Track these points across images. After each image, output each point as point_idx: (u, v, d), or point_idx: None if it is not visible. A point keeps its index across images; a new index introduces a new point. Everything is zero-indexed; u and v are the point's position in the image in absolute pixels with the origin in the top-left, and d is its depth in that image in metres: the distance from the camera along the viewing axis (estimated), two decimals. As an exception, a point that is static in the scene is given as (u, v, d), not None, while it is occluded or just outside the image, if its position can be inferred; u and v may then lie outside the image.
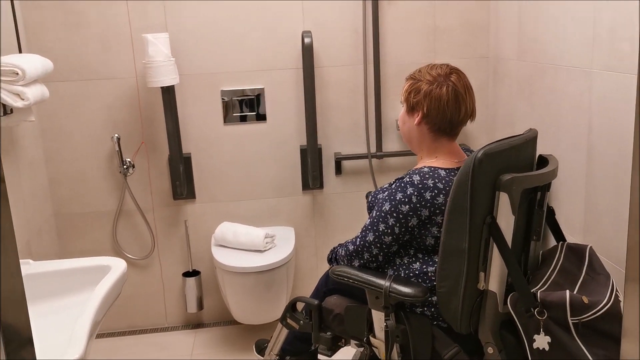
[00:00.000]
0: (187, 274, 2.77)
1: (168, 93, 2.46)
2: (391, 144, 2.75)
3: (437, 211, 1.62)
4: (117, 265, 1.56)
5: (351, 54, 2.64)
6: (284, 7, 2.56)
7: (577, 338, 1.44)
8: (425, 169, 1.67)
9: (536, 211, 1.67)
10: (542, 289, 1.51)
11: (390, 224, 1.65)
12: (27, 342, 0.89)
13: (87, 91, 2.54)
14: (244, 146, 2.69)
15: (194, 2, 2.51)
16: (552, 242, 1.85)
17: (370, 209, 1.80)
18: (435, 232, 1.64)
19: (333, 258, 1.87)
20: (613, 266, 1.81)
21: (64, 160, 2.61)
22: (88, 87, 2.54)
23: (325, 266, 2.85)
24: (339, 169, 2.76)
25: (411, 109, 1.73)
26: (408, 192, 1.63)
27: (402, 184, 1.65)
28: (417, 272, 1.67)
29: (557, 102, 2.10)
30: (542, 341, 1.46)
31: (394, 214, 1.64)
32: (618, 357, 1.48)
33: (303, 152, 2.71)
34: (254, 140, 2.69)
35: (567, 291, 1.45)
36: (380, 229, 1.67)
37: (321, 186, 2.75)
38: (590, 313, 1.43)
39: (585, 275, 1.58)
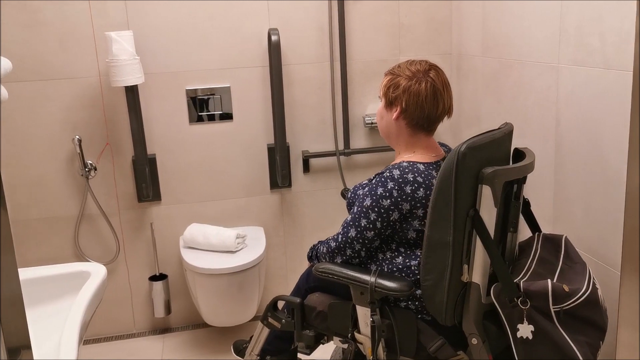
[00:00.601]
0: (153, 278, 2.70)
1: (132, 92, 2.39)
2: (359, 140, 2.76)
3: (418, 205, 1.63)
4: (97, 271, 1.49)
5: (317, 52, 2.63)
6: (249, 4, 2.53)
7: (558, 326, 1.48)
8: (404, 164, 1.68)
9: (513, 203, 1.71)
10: (524, 279, 1.55)
11: (372, 218, 1.66)
12: (26, 346, 0.86)
13: (45, 92, 2.44)
14: (210, 146, 2.65)
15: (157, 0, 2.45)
16: (526, 233, 1.90)
17: (350, 205, 1.80)
18: (417, 225, 1.66)
19: (314, 255, 1.85)
20: (583, 254, 1.87)
21: (20, 164, 2.50)
22: (46, 88, 2.44)
23: (298, 265, 2.84)
24: (306, 167, 2.75)
25: (389, 104, 1.74)
26: (389, 187, 1.64)
27: (383, 179, 1.66)
28: (400, 267, 1.68)
29: (523, 96, 2.15)
30: (525, 330, 1.49)
31: (376, 209, 1.65)
32: (597, 342, 1.54)
33: (270, 150, 2.69)
34: (221, 140, 2.65)
35: (549, 280, 1.49)
36: (362, 224, 1.67)
37: (289, 185, 2.74)
38: (571, 301, 1.47)
39: (562, 264, 1.62)
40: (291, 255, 2.85)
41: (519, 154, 1.72)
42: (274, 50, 2.43)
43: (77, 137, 2.48)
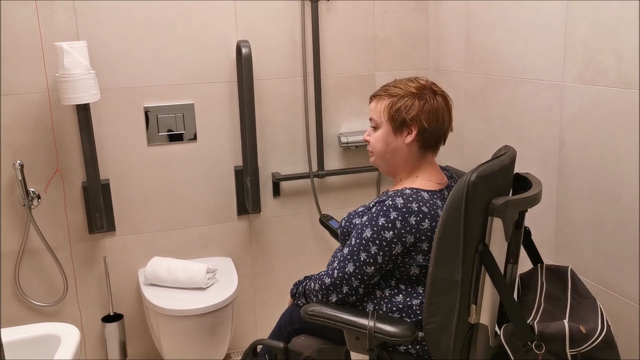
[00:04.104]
0: (107, 319, 2.40)
1: (84, 111, 2.10)
2: (333, 161, 2.57)
3: (423, 237, 1.49)
4: (69, 334, 1.22)
5: (288, 66, 2.43)
6: (215, 13, 2.30)
7: None
8: (407, 191, 1.52)
9: (514, 233, 1.57)
10: (536, 319, 1.41)
11: (372, 252, 1.49)
12: None
13: (-21, 110, 2.12)
14: (170, 169, 2.38)
15: (110, 5, 2.18)
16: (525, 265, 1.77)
17: (345, 235, 1.62)
18: (421, 260, 1.51)
19: (301, 293, 1.66)
20: (593, 285, 1.76)
21: (-51, 193, 2.15)
22: (-20, 105, 2.11)
23: (268, 297, 2.62)
24: (277, 191, 2.53)
25: (400, 127, 1.59)
26: (391, 217, 1.48)
27: (384, 208, 1.50)
28: (400, 306, 1.53)
29: (518, 115, 2.03)
30: None
31: (377, 241, 1.48)
32: None
33: (238, 173, 2.46)
34: (182, 162, 2.39)
35: (565, 321, 1.36)
36: (362, 259, 1.50)
37: (259, 210, 2.51)
38: (588, 343, 1.34)
39: (572, 300, 1.50)
40: (260, 287, 2.62)
41: (521, 180, 1.60)
42: (245, 63, 2.20)
43: (19, 161, 2.16)
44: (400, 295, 1.54)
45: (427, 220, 1.48)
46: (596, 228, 1.74)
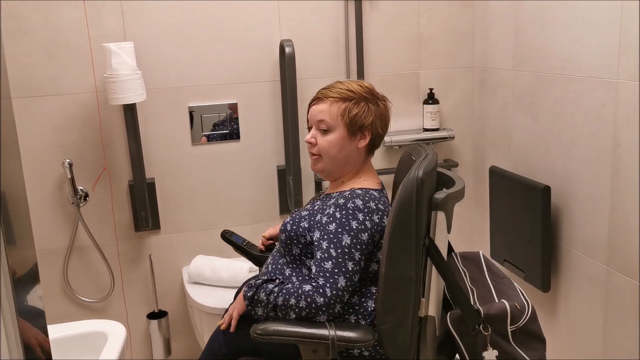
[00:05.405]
0: (152, 315, 2.43)
1: (131, 111, 2.13)
2: (375, 161, 2.53)
3: (383, 233, 1.50)
4: (115, 332, 1.23)
5: (331, 65, 2.41)
6: (259, 13, 2.30)
7: (515, 345, 1.43)
8: (358, 191, 1.54)
9: None
10: (476, 303, 1.45)
11: (357, 258, 1.46)
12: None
13: (31, 110, 2.17)
14: (214, 168, 2.40)
15: (156, 6, 2.20)
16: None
17: (290, 239, 1.55)
18: (379, 256, 1.51)
19: (269, 305, 1.46)
20: (650, 290, 1.69)
21: (2, 191, 2.21)
22: (31, 105, 2.17)
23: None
24: (319, 190, 2.52)
25: (355, 131, 1.59)
26: (360, 218, 1.48)
27: (350, 211, 1.49)
28: (356, 307, 1.51)
29: (569, 114, 1.97)
30: (490, 356, 1.42)
31: (358, 246, 1.46)
32: (544, 354, 1.48)
33: (280, 172, 2.46)
34: (226, 162, 2.41)
35: (505, 301, 1.43)
36: (350, 269, 1.44)
37: (301, 210, 2.50)
38: (523, 318, 1.42)
39: (492, 281, 1.55)
40: (302, 286, 2.61)
41: (438, 176, 1.64)
42: (289, 63, 2.20)
43: (68, 160, 2.21)
44: (356, 297, 1.53)
45: (385, 217, 1.51)
46: (653, 231, 1.67)
